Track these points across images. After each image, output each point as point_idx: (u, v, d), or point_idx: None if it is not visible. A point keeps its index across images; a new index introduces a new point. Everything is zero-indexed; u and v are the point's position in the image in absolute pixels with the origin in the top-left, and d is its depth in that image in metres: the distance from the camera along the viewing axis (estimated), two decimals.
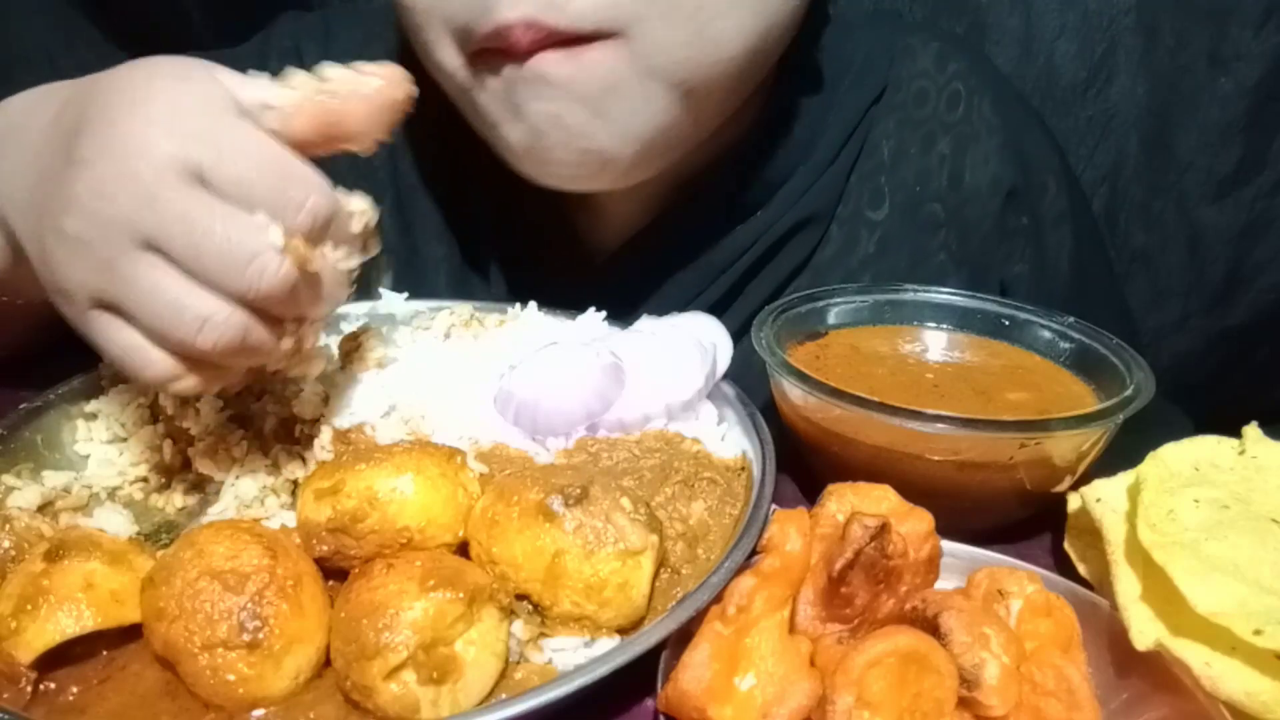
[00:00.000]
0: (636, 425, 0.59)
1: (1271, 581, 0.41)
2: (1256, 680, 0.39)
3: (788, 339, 0.64)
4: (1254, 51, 1.02)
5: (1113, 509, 0.48)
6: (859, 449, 0.56)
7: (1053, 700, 0.38)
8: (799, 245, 0.74)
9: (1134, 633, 0.42)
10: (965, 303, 0.68)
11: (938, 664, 0.37)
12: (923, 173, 0.74)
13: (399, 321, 0.70)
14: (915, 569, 0.44)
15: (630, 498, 0.46)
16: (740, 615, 0.40)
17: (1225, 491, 0.47)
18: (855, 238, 0.75)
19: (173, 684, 0.42)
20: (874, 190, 0.74)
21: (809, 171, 0.73)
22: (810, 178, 0.73)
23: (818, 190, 0.73)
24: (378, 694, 0.39)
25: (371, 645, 0.39)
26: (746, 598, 0.41)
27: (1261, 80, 1.03)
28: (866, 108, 0.74)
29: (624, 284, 0.74)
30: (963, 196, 0.75)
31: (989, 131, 0.74)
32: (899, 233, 0.75)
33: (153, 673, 0.43)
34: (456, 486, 0.47)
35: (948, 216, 0.75)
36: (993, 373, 0.64)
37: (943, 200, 0.74)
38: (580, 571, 0.44)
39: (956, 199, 0.75)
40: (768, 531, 0.44)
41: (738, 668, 0.40)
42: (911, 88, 0.75)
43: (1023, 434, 0.52)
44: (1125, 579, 0.45)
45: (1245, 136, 1.06)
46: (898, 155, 0.74)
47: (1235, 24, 1.02)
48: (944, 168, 0.74)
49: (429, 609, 0.40)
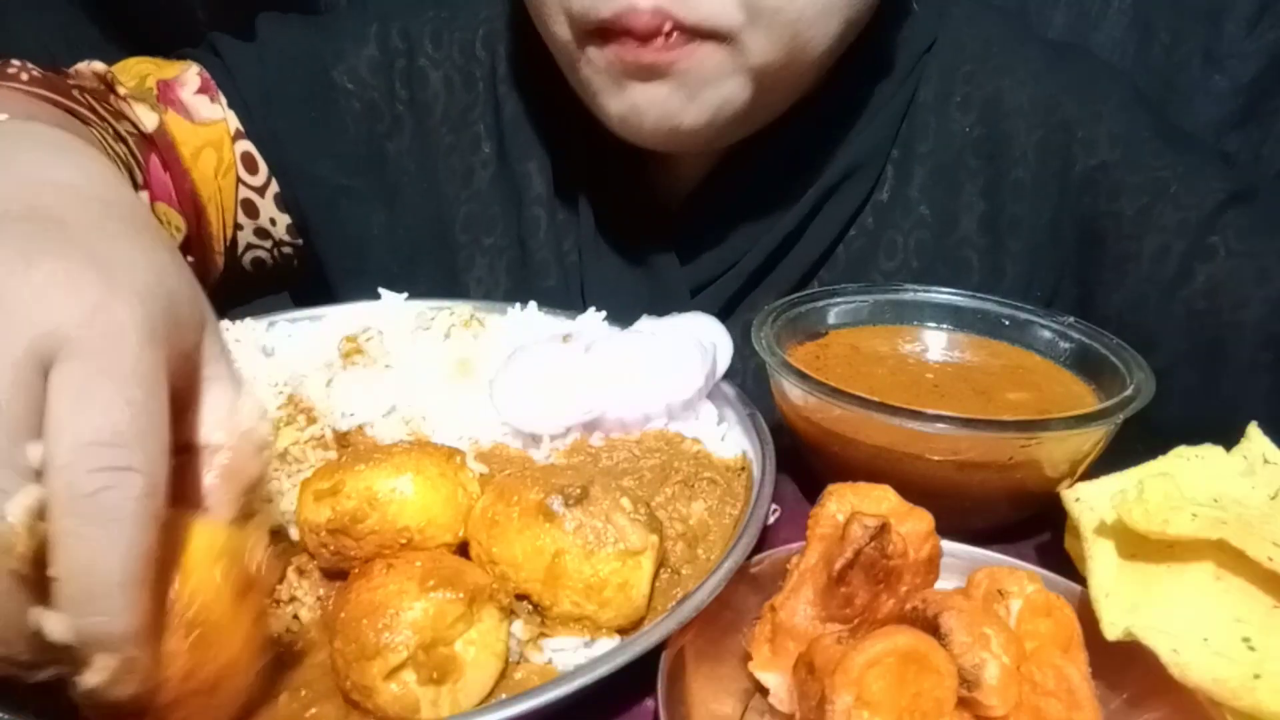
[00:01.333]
0: (636, 425, 0.59)
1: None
2: (1224, 667, 0.40)
3: (788, 339, 0.64)
4: (1247, 49, 1.03)
5: (1090, 507, 0.49)
6: (859, 449, 0.56)
7: (1053, 700, 0.38)
8: (853, 189, 0.77)
9: (1105, 624, 0.43)
10: (965, 303, 0.68)
11: (937, 664, 0.37)
12: (964, 103, 0.77)
13: (399, 321, 0.70)
14: (915, 569, 0.44)
15: (630, 498, 0.46)
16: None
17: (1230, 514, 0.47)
18: (909, 175, 0.78)
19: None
20: (921, 127, 0.78)
21: (862, 123, 0.77)
22: (860, 130, 0.77)
23: (870, 136, 0.76)
24: (378, 694, 0.39)
25: (371, 645, 0.39)
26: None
27: (1255, 77, 1.04)
28: (916, 61, 0.77)
29: (690, 228, 0.79)
30: (1004, 113, 0.76)
31: (1024, 61, 0.77)
32: (947, 161, 0.78)
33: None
34: (456, 486, 0.47)
35: (991, 135, 0.77)
36: (993, 373, 0.64)
37: (986, 121, 0.77)
38: (580, 571, 0.44)
39: (997, 116, 0.77)
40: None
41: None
42: (949, 38, 0.78)
43: (1023, 434, 0.52)
44: (1098, 572, 0.46)
45: (1239, 133, 1.06)
46: (940, 94, 0.78)
47: (1229, 22, 1.03)
48: (984, 92, 0.77)
49: (429, 609, 0.40)
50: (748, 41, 0.62)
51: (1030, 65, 0.76)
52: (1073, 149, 0.74)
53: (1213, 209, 0.70)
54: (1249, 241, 0.69)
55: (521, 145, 0.81)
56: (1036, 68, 0.76)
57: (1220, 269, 0.69)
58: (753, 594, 0.47)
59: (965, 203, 0.77)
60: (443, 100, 0.82)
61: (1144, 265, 0.72)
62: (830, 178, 0.76)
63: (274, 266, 0.84)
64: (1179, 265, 0.70)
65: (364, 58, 0.81)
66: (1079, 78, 0.76)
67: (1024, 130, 0.76)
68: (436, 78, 0.82)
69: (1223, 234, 0.69)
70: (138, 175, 0.70)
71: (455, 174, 0.83)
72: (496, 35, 0.82)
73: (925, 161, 0.78)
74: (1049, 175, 0.75)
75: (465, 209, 0.83)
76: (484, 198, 0.82)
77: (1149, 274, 0.71)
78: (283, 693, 0.42)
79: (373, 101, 0.81)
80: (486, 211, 0.82)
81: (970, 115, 0.77)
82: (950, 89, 0.78)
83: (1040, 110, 0.75)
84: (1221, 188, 0.70)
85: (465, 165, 0.82)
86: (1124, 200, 0.73)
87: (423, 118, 0.82)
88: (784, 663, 0.42)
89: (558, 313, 0.70)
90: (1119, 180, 0.73)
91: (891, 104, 0.77)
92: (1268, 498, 0.49)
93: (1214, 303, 0.69)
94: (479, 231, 0.82)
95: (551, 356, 0.60)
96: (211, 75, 0.77)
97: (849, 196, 0.77)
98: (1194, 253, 0.70)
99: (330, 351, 0.63)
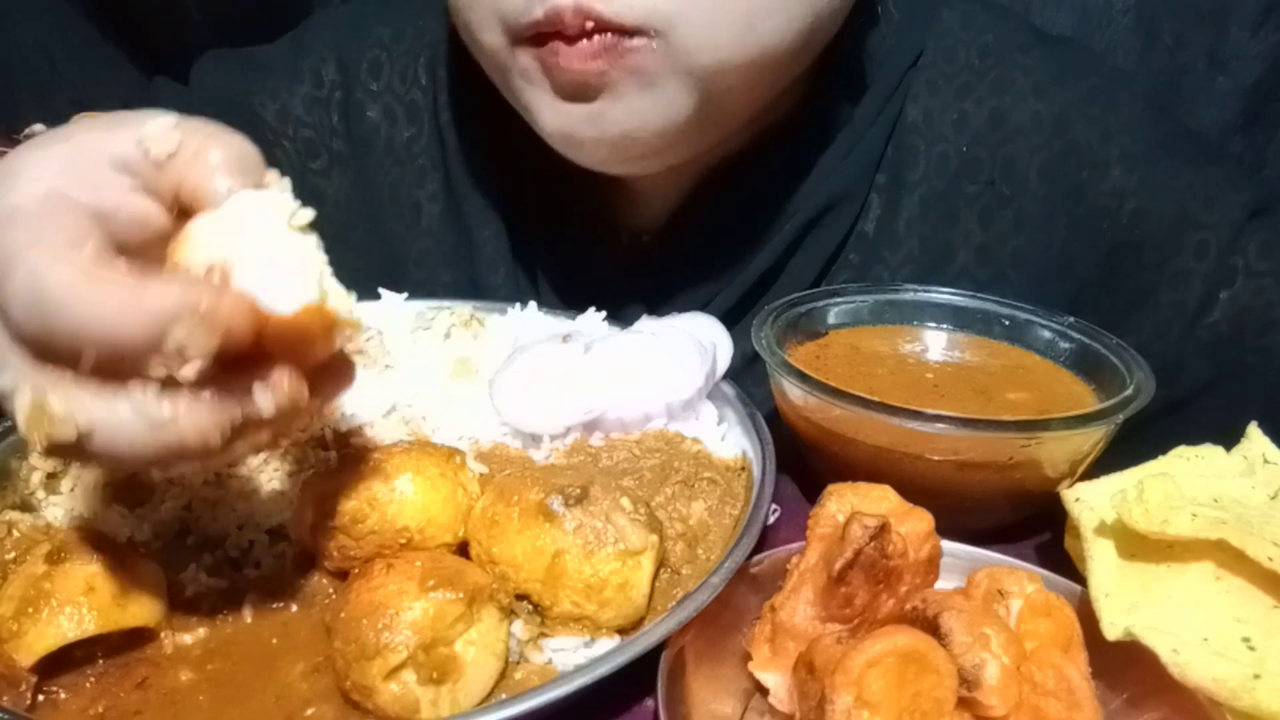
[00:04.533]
0: (636, 425, 0.59)
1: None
2: (1224, 667, 0.40)
3: (788, 339, 0.64)
4: (1252, 51, 1.03)
5: (1090, 507, 0.49)
6: (859, 449, 0.56)
7: (1053, 700, 0.38)
8: (834, 222, 0.73)
9: (1105, 624, 0.43)
10: (965, 303, 0.68)
11: (937, 664, 0.37)
12: (959, 122, 0.72)
13: (399, 321, 0.70)
14: (915, 569, 0.44)
15: (630, 498, 0.46)
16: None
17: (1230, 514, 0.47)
18: (896, 205, 0.73)
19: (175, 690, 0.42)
20: (909, 151, 0.72)
21: (839, 150, 0.72)
22: (840, 155, 0.72)
23: (852, 163, 0.72)
24: (378, 694, 0.39)
25: (372, 645, 0.39)
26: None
27: (1260, 80, 1.04)
28: (901, 76, 0.72)
29: (662, 268, 0.75)
30: (1005, 136, 0.71)
31: (1025, 72, 0.71)
32: (940, 189, 0.73)
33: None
34: (456, 486, 0.47)
35: (990, 157, 0.72)
36: (993, 373, 0.64)
37: (984, 142, 0.72)
38: (580, 571, 0.44)
39: (998, 138, 0.72)
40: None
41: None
42: (940, 46, 0.73)
43: (1023, 434, 0.52)
44: (1098, 572, 0.46)
45: (1243, 135, 1.06)
46: (930, 113, 0.72)
47: (1234, 24, 1.03)
48: (982, 110, 0.72)
49: (429, 609, 0.40)
50: (687, 36, 0.57)
51: (1032, 77, 0.71)
52: (1083, 173, 0.69)
53: (1233, 229, 0.66)
54: (1272, 259, 0.65)
55: (471, 178, 0.78)
56: (1039, 80, 0.71)
57: (1243, 291, 0.65)
58: (753, 594, 0.47)
59: (962, 232, 0.72)
60: (384, 133, 0.79)
61: (1165, 294, 0.67)
62: (809, 210, 0.72)
63: None
64: (1202, 292, 0.66)
65: (299, 95, 0.79)
66: (1087, 91, 0.70)
67: (1026, 153, 0.70)
68: (375, 110, 0.79)
69: (1244, 254, 0.65)
70: None
71: (403, 210, 0.80)
72: (438, 59, 0.78)
73: (915, 190, 0.72)
74: (1057, 203, 0.70)
75: (418, 246, 0.80)
76: (436, 234, 0.79)
77: (1170, 302, 0.67)
78: (281, 691, 0.42)
79: (308, 139, 0.79)
80: (439, 249, 0.79)
81: (965, 136, 0.71)
82: (942, 106, 0.72)
83: (1045, 130, 0.70)
84: (1241, 203, 0.66)
85: (412, 200, 0.79)
86: (1141, 229, 0.68)
87: (362, 153, 0.80)
88: (784, 663, 0.42)
89: (558, 313, 0.70)
90: (1136, 209, 0.68)
91: (878, 122, 0.72)
92: (1268, 498, 0.49)
93: (1239, 329, 0.66)
94: (435, 267, 0.80)
95: (551, 356, 0.60)
96: None
97: (830, 230, 0.73)
98: (1216, 278, 0.66)
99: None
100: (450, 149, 0.78)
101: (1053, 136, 0.70)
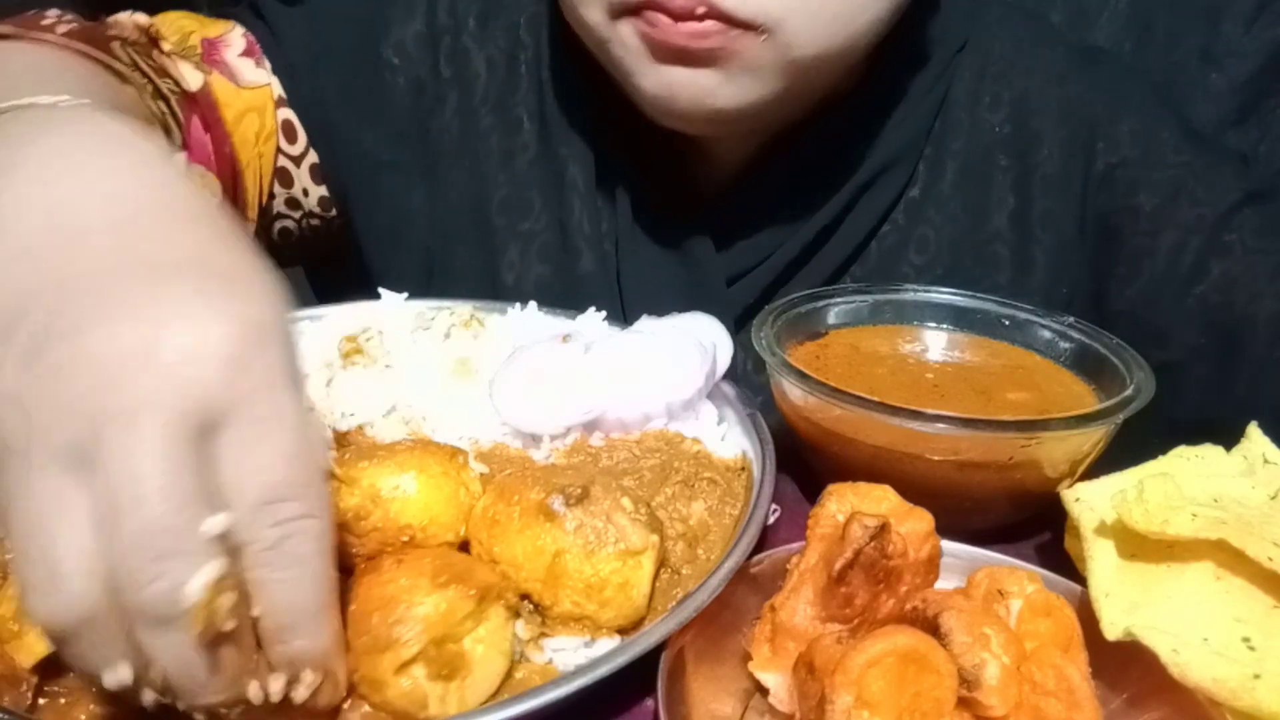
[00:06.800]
0: (636, 425, 0.59)
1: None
2: (1224, 667, 0.40)
3: (788, 339, 0.64)
4: (1245, 48, 1.03)
5: (1090, 507, 0.49)
6: (859, 449, 0.56)
7: (1053, 700, 0.38)
8: (887, 184, 0.78)
9: (1105, 624, 0.43)
10: (965, 303, 0.68)
11: (937, 664, 0.37)
12: (994, 103, 0.79)
13: (399, 321, 0.70)
14: (915, 569, 0.44)
15: (631, 498, 0.46)
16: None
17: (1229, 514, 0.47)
18: (941, 171, 0.78)
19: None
20: (954, 125, 0.79)
21: (895, 120, 0.77)
22: (896, 124, 0.77)
23: (905, 131, 0.77)
24: (387, 688, 0.39)
25: (384, 638, 0.39)
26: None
27: (1253, 76, 1.04)
28: (951, 58, 0.78)
29: (728, 219, 0.79)
30: (1032, 112, 0.78)
31: (1049, 63, 0.78)
32: (977, 160, 0.78)
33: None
34: (458, 485, 0.47)
35: (1019, 131, 0.78)
36: (993, 373, 0.64)
37: (1014, 120, 0.78)
38: (580, 571, 0.44)
39: (1026, 115, 0.78)
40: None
41: None
42: (981, 37, 0.79)
43: (1023, 434, 0.52)
44: (1098, 572, 0.46)
45: (1237, 131, 1.06)
46: (972, 93, 0.79)
47: (1227, 20, 1.03)
48: (1014, 92, 0.78)
49: (441, 604, 0.40)
50: (790, 33, 0.61)
51: (1056, 67, 0.78)
52: (1095, 145, 0.76)
53: (1229, 206, 0.70)
54: (1265, 239, 0.69)
55: (563, 131, 0.81)
56: (1062, 69, 0.78)
57: (1235, 265, 0.70)
58: (753, 594, 0.47)
59: (996, 199, 0.78)
60: (484, 80, 0.82)
61: (1159, 260, 0.72)
62: (866, 173, 0.76)
63: (299, 238, 0.84)
64: (1194, 261, 0.71)
65: (411, 32, 0.81)
66: (1103, 78, 0.78)
67: (1051, 128, 0.77)
68: (479, 58, 0.82)
69: (1239, 231, 0.70)
70: (176, 135, 0.69)
71: (494, 155, 0.82)
72: (540, 21, 0.82)
73: (957, 158, 0.78)
74: (1074, 171, 0.76)
75: (502, 192, 0.82)
76: (521, 181, 0.82)
77: (1164, 269, 0.72)
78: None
79: (418, 78, 0.81)
80: (523, 195, 0.82)
81: (1000, 113, 0.78)
82: (981, 88, 0.79)
83: (1066, 109, 0.77)
84: (1239, 186, 0.71)
85: (505, 148, 0.82)
86: (1141, 196, 0.74)
87: (465, 97, 0.82)
88: (784, 663, 0.42)
89: (557, 312, 0.70)
90: (1137, 176, 0.74)
91: (927, 99, 0.78)
92: (1268, 498, 0.49)
93: (1228, 297, 0.70)
94: (515, 216, 0.82)
95: (551, 356, 0.60)
96: (257, 39, 0.77)
97: (883, 192, 0.78)
98: (1209, 249, 0.70)
99: (330, 351, 0.63)
100: (548, 103, 0.82)
101: (1072, 113, 0.77)
